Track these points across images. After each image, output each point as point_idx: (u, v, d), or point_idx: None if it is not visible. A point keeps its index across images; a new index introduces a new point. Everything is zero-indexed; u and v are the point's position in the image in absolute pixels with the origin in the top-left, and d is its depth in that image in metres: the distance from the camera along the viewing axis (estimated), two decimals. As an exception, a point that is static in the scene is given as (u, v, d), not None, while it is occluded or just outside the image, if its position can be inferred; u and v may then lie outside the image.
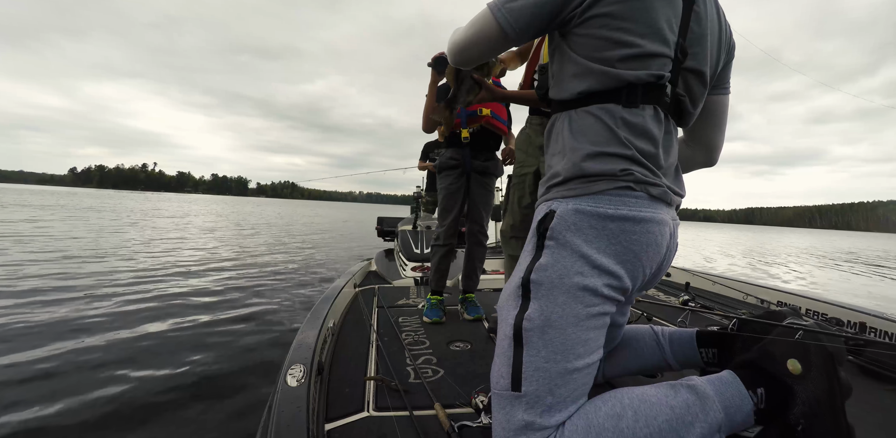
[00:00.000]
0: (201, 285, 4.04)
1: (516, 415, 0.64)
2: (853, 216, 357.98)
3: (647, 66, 0.70)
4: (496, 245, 4.82)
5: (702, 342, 0.89)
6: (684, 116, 0.79)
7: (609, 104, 0.71)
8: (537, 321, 0.66)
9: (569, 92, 0.76)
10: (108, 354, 2.18)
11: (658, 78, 0.71)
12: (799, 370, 0.65)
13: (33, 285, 3.57)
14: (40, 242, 6.26)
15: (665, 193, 0.72)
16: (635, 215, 0.68)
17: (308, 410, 0.80)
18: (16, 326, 2.51)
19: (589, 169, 0.70)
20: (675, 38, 0.71)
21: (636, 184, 0.69)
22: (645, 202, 0.70)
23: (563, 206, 0.71)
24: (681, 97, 0.75)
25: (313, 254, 7.12)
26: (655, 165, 0.72)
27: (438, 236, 1.83)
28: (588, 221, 0.68)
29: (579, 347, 0.66)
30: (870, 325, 1.50)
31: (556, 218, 0.70)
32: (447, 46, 0.84)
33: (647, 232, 0.69)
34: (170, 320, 2.84)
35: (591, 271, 0.67)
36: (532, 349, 0.66)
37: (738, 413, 0.65)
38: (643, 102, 0.71)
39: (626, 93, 0.71)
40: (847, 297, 5.39)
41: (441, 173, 1.82)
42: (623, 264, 0.68)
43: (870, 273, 9.33)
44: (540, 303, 0.67)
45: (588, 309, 0.67)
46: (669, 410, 0.63)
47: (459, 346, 1.42)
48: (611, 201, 0.68)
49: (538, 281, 0.69)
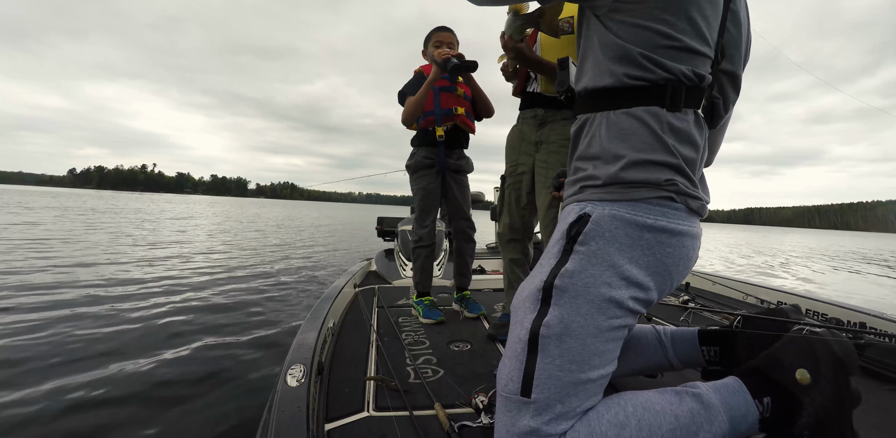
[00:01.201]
0: (202, 285, 4.04)
1: (522, 420, 0.63)
2: (852, 216, 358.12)
3: (690, 62, 0.67)
4: (496, 245, 4.83)
5: (703, 341, 0.89)
6: (715, 120, 0.77)
7: (654, 107, 0.67)
8: (556, 329, 0.64)
9: (610, 77, 0.70)
10: (107, 353, 2.18)
11: (700, 78, 0.68)
12: (808, 380, 0.63)
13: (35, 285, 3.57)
14: (50, 244, 6.27)
15: (703, 206, 0.70)
16: (673, 227, 0.66)
17: (308, 410, 0.80)
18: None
19: (632, 176, 0.66)
20: (716, 37, 0.69)
21: (678, 195, 0.66)
22: (683, 215, 0.68)
23: (600, 210, 0.67)
24: (715, 100, 0.73)
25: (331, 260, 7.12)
26: (697, 173, 0.70)
27: (421, 237, 1.81)
28: (624, 229, 0.65)
29: (595, 358, 0.64)
30: (870, 325, 1.50)
31: (592, 223, 0.67)
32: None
33: (681, 246, 0.67)
34: (170, 319, 2.84)
35: (619, 282, 0.65)
36: (547, 356, 0.64)
37: (743, 423, 0.64)
38: (686, 106, 0.68)
39: (670, 94, 0.67)
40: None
41: (416, 173, 1.80)
42: (653, 276, 0.66)
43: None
44: (561, 310, 0.65)
45: (610, 321, 0.65)
46: (674, 419, 0.62)
47: (459, 346, 1.42)
48: (650, 210, 0.66)
49: (562, 287, 0.66)
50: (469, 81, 1.77)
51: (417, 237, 1.82)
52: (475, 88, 1.80)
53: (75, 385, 1.82)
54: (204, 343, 2.43)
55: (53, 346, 2.24)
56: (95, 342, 2.33)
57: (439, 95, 1.72)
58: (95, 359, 2.11)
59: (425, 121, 1.72)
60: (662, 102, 0.67)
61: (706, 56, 0.68)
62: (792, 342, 0.67)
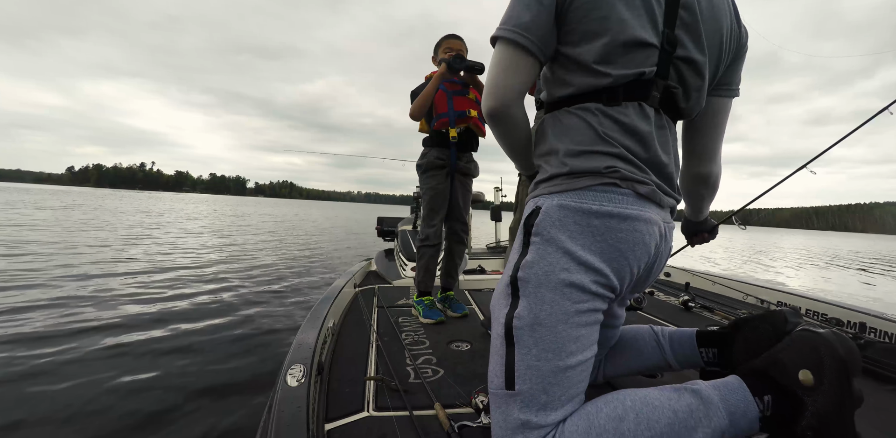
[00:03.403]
0: (203, 285, 4.04)
1: (512, 414, 0.64)
2: (850, 218, 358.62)
3: (628, 61, 0.69)
4: (496, 245, 4.83)
5: (702, 342, 0.89)
6: (679, 110, 0.78)
7: (589, 103, 0.71)
8: (527, 319, 0.66)
9: (553, 96, 0.77)
10: (107, 353, 2.19)
11: (640, 74, 0.69)
12: (811, 381, 0.62)
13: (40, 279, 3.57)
14: (46, 238, 6.26)
15: (653, 192, 0.70)
16: (620, 211, 0.67)
17: (308, 410, 0.80)
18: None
19: (574, 166, 0.70)
20: (661, 27, 0.69)
21: (622, 181, 0.68)
22: (632, 200, 0.68)
23: (549, 201, 0.70)
24: (673, 90, 0.74)
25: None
26: (647, 162, 0.71)
27: (427, 236, 1.82)
28: (572, 216, 0.68)
29: (571, 344, 0.65)
30: (870, 325, 1.50)
31: (542, 214, 0.70)
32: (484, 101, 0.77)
33: (633, 230, 0.68)
34: (170, 319, 2.84)
35: (576, 267, 0.66)
36: (523, 347, 0.66)
37: (743, 420, 0.64)
38: (626, 100, 0.70)
39: (606, 93, 0.70)
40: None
41: (427, 172, 1.82)
42: (608, 261, 0.67)
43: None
44: (528, 301, 0.67)
45: (577, 306, 0.66)
46: (672, 414, 0.62)
47: (459, 346, 1.42)
48: (595, 197, 0.68)
49: (525, 279, 0.68)
50: (478, 84, 1.82)
51: (424, 236, 1.83)
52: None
53: (75, 385, 1.82)
54: (204, 343, 2.43)
55: (51, 344, 2.24)
56: (96, 341, 2.33)
57: (452, 98, 1.76)
58: (94, 359, 2.11)
59: (439, 122, 1.75)
60: (599, 99, 0.71)
61: (650, 46, 0.69)
62: (794, 343, 0.66)
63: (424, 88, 1.71)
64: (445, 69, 1.68)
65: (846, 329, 1.47)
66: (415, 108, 1.74)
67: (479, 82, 1.82)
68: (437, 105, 1.74)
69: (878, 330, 1.47)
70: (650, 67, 0.70)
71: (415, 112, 1.75)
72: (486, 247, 4.79)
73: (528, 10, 0.70)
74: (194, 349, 2.33)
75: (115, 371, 1.97)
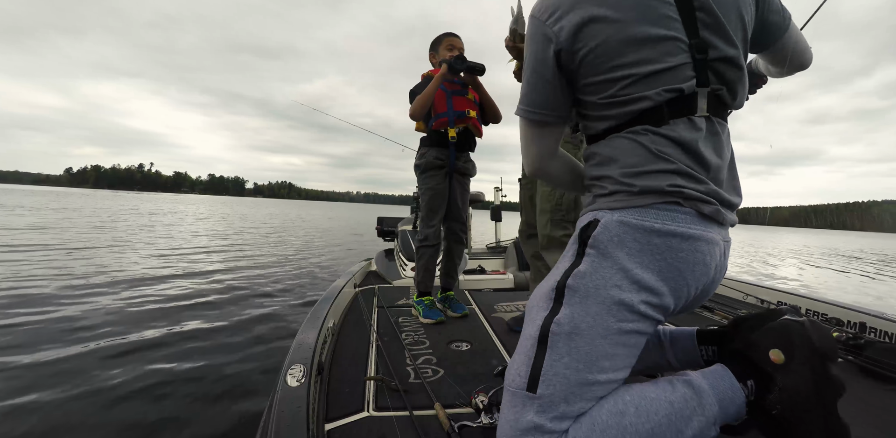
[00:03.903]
0: (204, 285, 4.04)
1: (526, 416, 0.63)
2: (848, 216, 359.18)
3: (661, 84, 0.68)
4: (496, 245, 4.82)
5: (701, 340, 0.89)
6: (728, 107, 0.76)
7: (636, 127, 0.70)
8: (566, 327, 0.65)
9: (595, 129, 0.77)
10: (107, 353, 2.18)
11: (679, 91, 0.68)
12: (781, 359, 0.65)
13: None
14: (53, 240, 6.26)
15: (717, 212, 0.69)
16: (683, 231, 0.66)
17: (308, 410, 0.80)
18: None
19: (636, 184, 0.68)
20: (685, 39, 0.68)
21: (685, 200, 0.67)
22: (694, 219, 0.67)
23: (609, 216, 0.69)
24: (718, 93, 0.72)
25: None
26: (705, 172, 0.70)
27: (427, 236, 1.82)
28: (632, 234, 0.66)
29: (605, 360, 0.64)
30: (870, 325, 1.50)
31: (601, 227, 0.69)
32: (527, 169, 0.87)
33: (694, 250, 0.66)
34: (170, 319, 2.84)
35: (629, 285, 0.65)
36: (555, 353, 0.65)
37: (732, 406, 0.66)
38: (672, 117, 0.69)
39: (650, 115, 0.69)
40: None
41: (426, 172, 1.82)
42: (666, 281, 0.66)
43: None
44: (572, 309, 0.66)
45: (620, 324, 0.65)
46: (669, 405, 0.63)
47: (459, 346, 1.42)
48: (658, 215, 0.66)
49: (574, 287, 0.68)
50: (477, 85, 1.82)
51: (423, 237, 1.83)
52: (484, 94, 1.85)
53: (74, 385, 1.82)
54: (204, 343, 2.43)
55: (47, 341, 2.24)
56: (97, 341, 2.33)
57: (452, 98, 1.76)
58: (94, 359, 2.11)
59: (438, 122, 1.75)
60: (645, 122, 0.70)
61: (682, 65, 0.68)
62: (771, 328, 0.69)
63: (425, 88, 1.70)
64: (447, 70, 1.67)
65: (846, 329, 1.47)
66: (416, 108, 1.73)
67: (479, 84, 1.82)
68: (437, 105, 1.74)
69: (878, 330, 1.47)
70: (688, 81, 0.68)
71: (416, 112, 1.74)
72: (486, 247, 4.79)
73: (536, 90, 0.76)
74: (193, 348, 2.33)
75: (114, 371, 1.97)
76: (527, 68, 0.77)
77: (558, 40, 0.71)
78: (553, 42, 0.71)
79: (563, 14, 0.70)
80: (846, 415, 0.63)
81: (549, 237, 1.46)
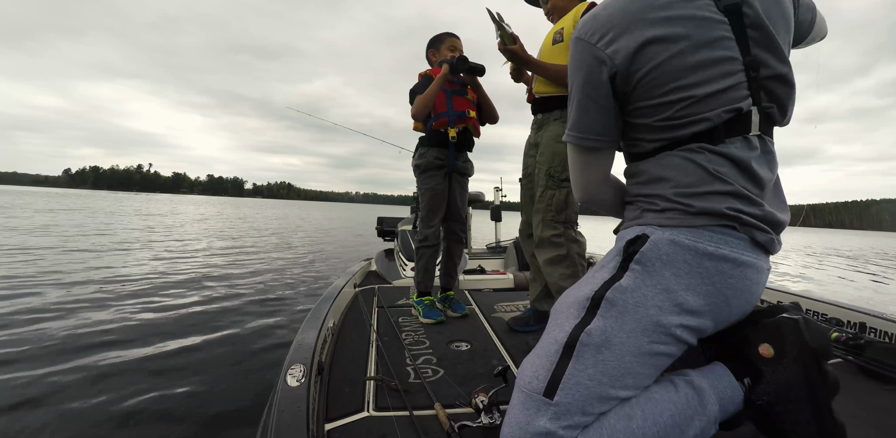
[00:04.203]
0: (201, 285, 4.04)
1: (538, 421, 0.62)
2: (846, 215, 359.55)
3: (719, 105, 0.66)
4: (496, 245, 4.82)
5: (703, 338, 0.90)
6: (777, 124, 0.74)
7: (692, 144, 0.68)
8: (597, 339, 0.64)
9: (645, 148, 0.74)
10: (107, 354, 2.18)
11: (738, 111, 0.66)
12: (771, 353, 0.66)
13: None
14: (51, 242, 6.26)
15: (771, 241, 0.68)
16: (737, 257, 0.64)
17: (308, 410, 0.80)
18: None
19: (692, 204, 0.66)
20: (740, 58, 0.66)
21: (741, 225, 0.65)
22: (747, 246, 0.66)
23: (659, 234, 0.67)
24: (769, 110, 0.70)
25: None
26: (759, 191, 0.68)
27: (427, 236, 1.82)
28: (683, 254, 0.64)
29: (629, 378, 0.63)
30: (870, 325, 1.50)
31: (650, 244, 0.67)
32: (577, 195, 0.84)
33: (744, 278, 0.65)
34: (170, 319, 2.84)
35: (670, 307, 0.64)
36: (580, 363, 0.63)
37: (731, 404, 0.67)
38: (728, 136, 0.67)
39: (706, 134, 0.67)
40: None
41: (425, 172, 1.82)
42: (710, 305, 0.65)
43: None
44: (606, 322, 0.65)
45: (652, 345, 0.64)
46: (673, 406, 0.64)
47: (459, 346, 1.42)
48: (712, 237, 0.65)
49: (612, 301, 0.66)
50: (477, 86, 1.82)
51: (423, 237, 1.83)
52: (483, 94, 1.85)
53: (73, 385, 1.82)
54: (203, 343, 2.43)
55: (43, 339, 2.24)
56: (97, 341, 2.33)
57: (452, 98, 1.77)
58: (94, 360, 2.11)
59: (438, 122, 1.75)
60: (700, 140, 0.67)
61: (734, 88, 0.66)
62: (765, 324, 0.70)
63: (427, 89, 1.70)
64: (448, 70, 1.67)
65: (846, 329, 1.47)
66: (418, 108, 1.72)
67: (479, 84, 1.83)
68: (437, 105, 1.74)
69: (878, 330, 1.47)
70: (744, 100, 0.67)
71: (418, 112, 1.74)
72: (486, 247, 4.78)
73: (589, 115, 0.73)
74: (193, 348, 2.33)
75: (114, 371, 1.97)
76: (577, 93, 0.73)
77: (613, 63, 0.68)
78: (607, 65, 0.68)
79: (616, 36, 0.67)
80: (846, 415, 0.63)
81: (540, 237, 1.47)
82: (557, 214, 1.43)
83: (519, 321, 1.62)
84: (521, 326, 1.60)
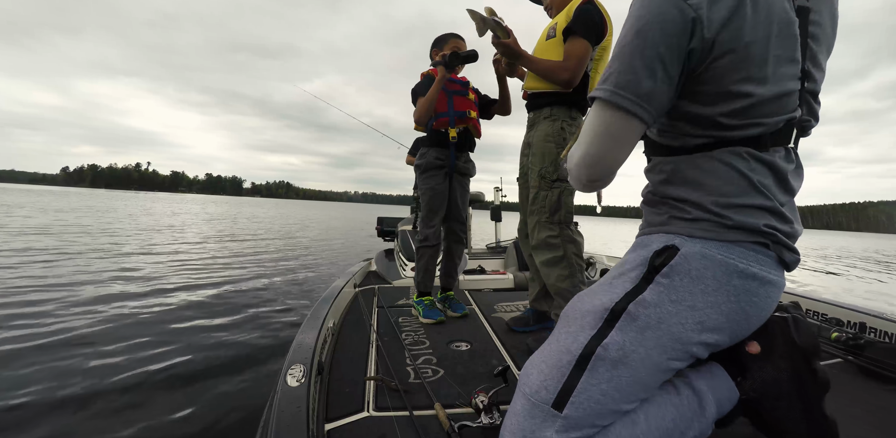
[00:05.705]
0: (201, 285, 4.04)
1: (544, 432, 0.60)
2: (844, 217, 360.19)
3: (775, 113, 0.62)
4: (496, 245, 4.82)
5: None
6: (801, 138, 0.71)
7: (738, 147, 0.63)
8: (613, 354, 0.61)
9: (683, 143, 0.67)
10: (107, 354, 2.18)
11: (790, 120, 0.63)
12: (757, 350, 0.67)
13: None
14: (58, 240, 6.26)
15: (796, 261, 0.66)
16: (764, 276, 0.62)
17: (308, 410, 0.80)
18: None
19: (728, 216, 0.62)
20: (800, 64, 0.62)
21: (773, 244, 0.63)
22: (774, 264, 0.64)
23: (690, 246, 0.63)
24: (805, 124, 0.67)
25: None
26: (791, 209, 0.66)
27: (427, 236, 1.82)
28: (713, 270, 0.61)
29: (641, 392, 0.63)
30: (870, 325, 1.50)
31: (680, 257, 0.63)
32: (573, 172, 0.70)
33: (767, 296, 0.63)
34: (170, 319, 2.84)
35: (693, 325, 0.61)
36: (594, 377, 0.61)
37: (728, 404, 0.68)
38: (773, 145, 0.63)
39: (753, 140, 0.63)
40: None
41: (426, 172, 1.81)
42: (731, 322, 0.63)
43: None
44: (625, 337, 0.62)
45: (669, 362, 0.62)
46: (675, 410, 0.64)
47: (459, 346, 1.42)
48: (744, 254, 0.62)
49: (634, 315, 0.62)
50: (502, 80, 1.77)
51: (423, 237, 1.83)
52: (504, 88, 1.82)
53: (72, 383, 1.82)
54: (203, 343, 2.43)
55: (42, 339, 2.24)
56: (97, 341, 2.33)
57: (453, 98, 1.76)
58: (95, 360, 2.11)
59: (438, 122, 1.75)
60: (748, 144, 0.63)
61: (792, 91, 0.62)
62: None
63: (428, 93, 1.69)
64: (444, 70, 1.66)
65: (846, 329, 1.47)
66: (420, 112, 1.71)
67: (503, 75, 1.72)
68: (437, 105, 1.74)
69: (878, 330, 1.47)
70: (797, 110, 0.64)
71: (421, 116, 1.72)
72: (486, 247, 4.78)
73: (651, 77, 0.59)
74: (193, 349, 2.33)
75: (114, 371, 1.97)
76: (637, 45, 0.58)
77: (709, 25, 0.56)
78: (700, 26, 0.56)
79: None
80: (847, 415, 0.63)
81: (536, 239, 1.47)
82: (552, 215, 1.42)
83: (519, 322, 1.62)
84: (521, 326, 1.60)
